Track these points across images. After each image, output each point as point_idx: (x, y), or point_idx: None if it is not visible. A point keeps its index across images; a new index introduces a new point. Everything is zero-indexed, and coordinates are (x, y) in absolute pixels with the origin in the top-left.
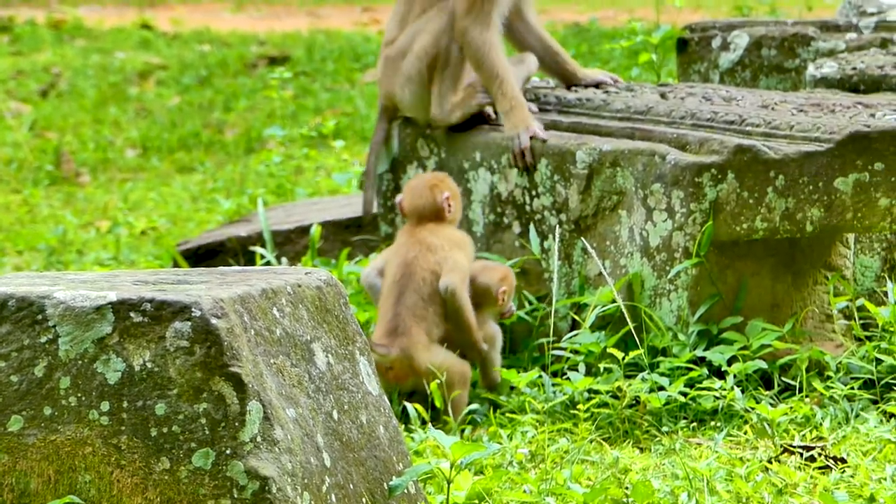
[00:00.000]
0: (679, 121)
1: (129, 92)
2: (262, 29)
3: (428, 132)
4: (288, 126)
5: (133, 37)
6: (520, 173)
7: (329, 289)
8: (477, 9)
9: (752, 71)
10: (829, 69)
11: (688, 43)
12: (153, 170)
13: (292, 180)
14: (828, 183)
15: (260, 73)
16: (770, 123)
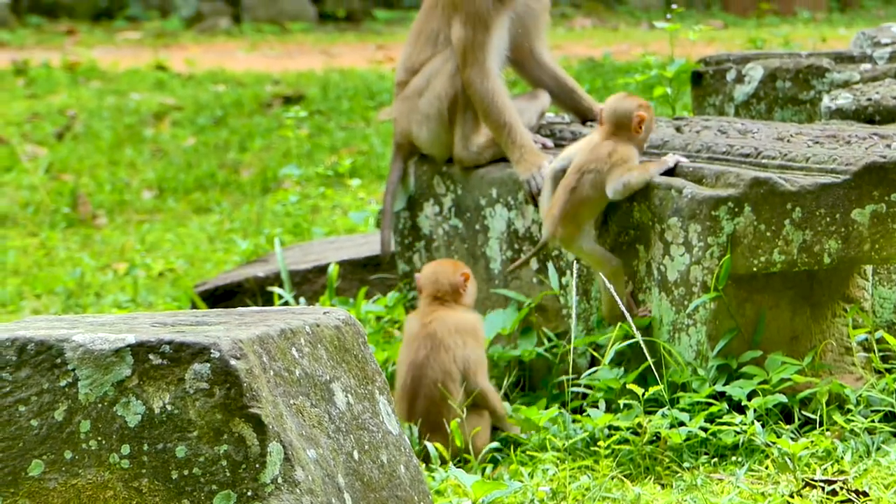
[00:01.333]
0: (695, 154)
1: (145, 133)
2: (277, 68)
3: (444, 170)
4: (304, 165)
5: (148, 78)
6: (537, 211)
7: (348, 328)
8: (471, 59)
9: (767, 103)
10: (845, 100)
11: (702, 76)
12: (170, 211)
13: (309, 219)
14: (845, 214)
15: (275, 113)
16: (786, 156)
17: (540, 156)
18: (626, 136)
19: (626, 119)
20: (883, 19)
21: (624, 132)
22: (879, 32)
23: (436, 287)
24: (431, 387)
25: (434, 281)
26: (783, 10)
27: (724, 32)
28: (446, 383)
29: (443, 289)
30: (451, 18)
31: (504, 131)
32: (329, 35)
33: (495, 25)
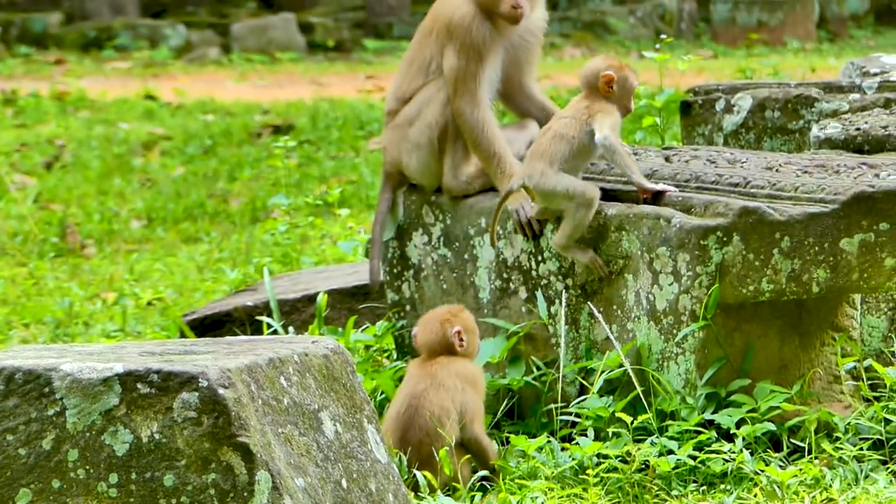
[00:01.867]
0: (684, 184)
1: (134, 163)
2: (266, 98)
3: (433, 199)
4: (293, 195)
5: (137, 108)
6: (526, 241)
7: (336, 357)
8: (462, 88)
9: (756, 133)
10: (833, 130)
11: (691, 106)
12: (158, 240)
13: (298, 249)
14: (833, 244)
15: (264, 143)
16: (775, 185)
17: None
18: (600, 96)
19: (594, 79)
20: (872, 49)
21: (598, 93)
22: (868, 62)
23: (430, 346)
24: (426, 418)
25: (427, 342)
26: (772, 41)
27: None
28: (441, 417)
29: (437, 348)
30: (445, 47)
31: (493, 161)
32: (318, 65)
33: (489, 56)
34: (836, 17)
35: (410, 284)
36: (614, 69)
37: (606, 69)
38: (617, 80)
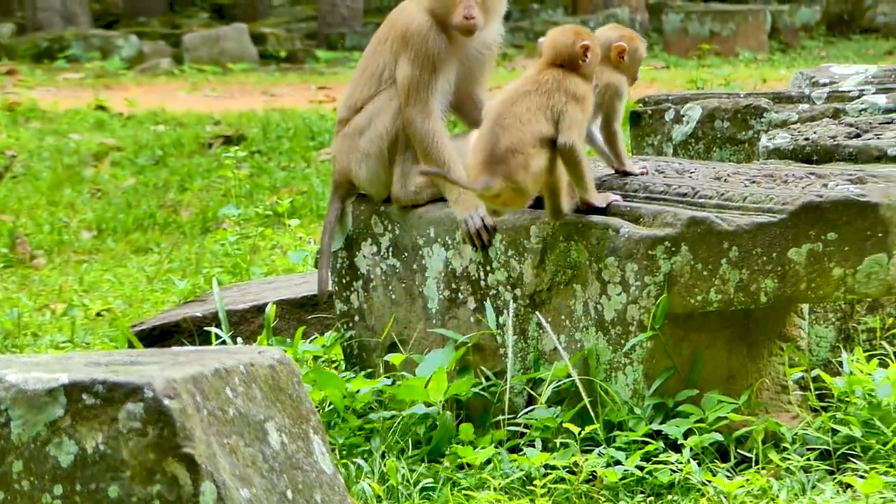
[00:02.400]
0: (632, 194)
1: (85, 173)
2: (218, 108)
3: (382, 209)
4: (243, 205)
5: (88, 118)
6: (475, 251)
7: (282, 367)
8: (414, 98)
9: (705, 143)
10: (782, 140)
11: (641, 116)
12: (109, 251)
13: (248, 260)
14: (781, 254)
15: (215, 153)
16: (723, 195)
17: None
18: (569, 70)
19: (605, 49)
20: (824, 59)
21: (575, 66)
22: (818, 73)
23: (554, 52)
24: (524, 115)
25: (552, 47)
26: (724, 51)
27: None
28: (540, 121)
29: (560, 56)
30: (399, 56)
31: (443, 170)
32: (270, 75)
33: (443, 67)
34: (787, 27)
35: (359, 295)
36: (626, 40)
37: (619, 39)
38: (628, 50)
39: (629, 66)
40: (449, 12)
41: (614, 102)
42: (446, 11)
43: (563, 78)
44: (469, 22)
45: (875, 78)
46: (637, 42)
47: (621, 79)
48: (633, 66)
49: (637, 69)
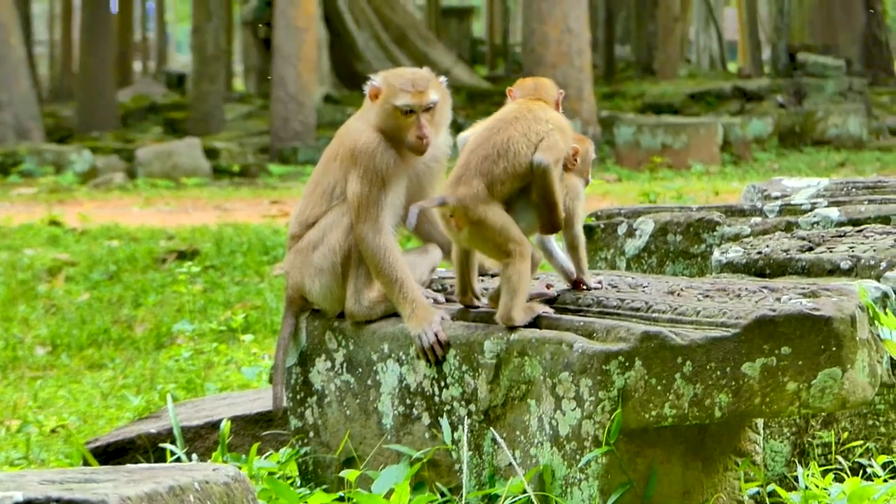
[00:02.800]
0: (586, 308)
1: (39, 289)
2: (171, 223)
3: (336, 325)
4: (197, 320)
5: (42, 233)
6: (429, 366)
7: (237, 485)
8: (364, 214)
9: (658, 257)
10: (735, 254)
11: (594, 230)
12: (63, 367)
13: (202, 375)
14: (735, 368)
15: (169, 268)
16: (676, 310)
17: (431, 311)
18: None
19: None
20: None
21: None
22: (770, 186)
23: (535, 93)
24: (504, 139)
25: (537, 86)
26: (677, 164)
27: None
28: (518, 143)
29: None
30: (349, 173)
31: (395, 287)
32: (224, 190)
33: (392, 183)
34: (739, 140)
35: (314, 410)
36: (577, 142)
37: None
38: (580, 152)
39: (582, 169)
40: (401, 131)
41: (574, 204)
42: (398, 130)
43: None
44: (422, 142)
45: (827, 191)
46: (587, 144)
47: (577, 181)
48: (586, 168)
49: (589, 171)
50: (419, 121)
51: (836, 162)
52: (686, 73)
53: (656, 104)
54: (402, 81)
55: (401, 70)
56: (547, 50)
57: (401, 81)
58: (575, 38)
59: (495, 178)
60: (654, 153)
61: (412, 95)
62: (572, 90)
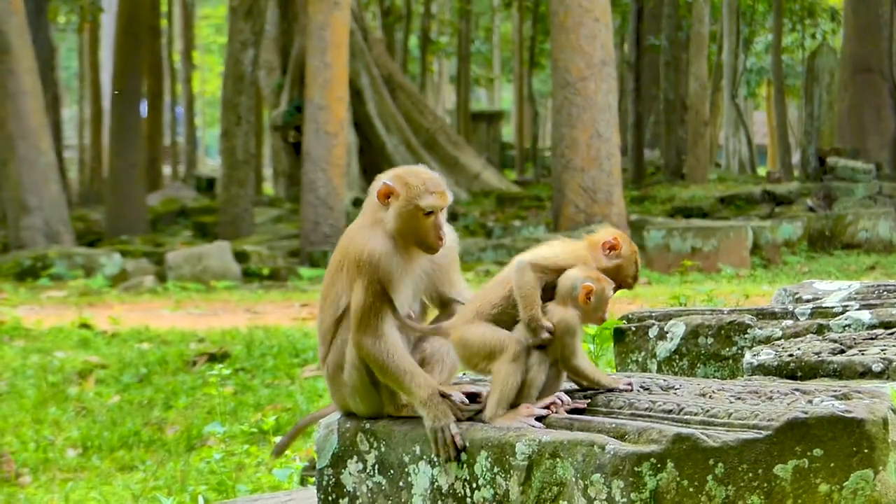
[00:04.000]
0: (617, 410)
1: (69, 391)
2: (201, 326)
3: (367, 426)
4: (228, 422)
5: (72, 336)
6: (449, 463)
7: None
8: (364, 324)
9: (689, 359)
10: (766, 356)
11: (625, 333)
12: (94, 469)
13: (233, 477)
14: (767, 470)
15: (199, 371)
16: (708, 412)
17: (444, 408)
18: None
19: (571, 289)
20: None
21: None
22: (801, 289)
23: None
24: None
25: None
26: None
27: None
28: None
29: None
30: (354, 282)
31: (405, 378)
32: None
33: (399, 288)
34: (769, 243)
35: None
36: (593, 280)
37: (586, 280)
38: (595, 291)
39: (596, 307)
40: (419, 232)
41: (566, 340)
42: (415, 231)
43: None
44: (441, 242)
45: (858, 294)
46: (604, 284)
47: (574, 315)
48: (600, 308)
49: (605, 310)
50: (438, 221)
51: (867, 265)
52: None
53: (686, 208)
54: (425, 182)
55: (412, 169)
56: (576, 154)
57: (424, 182)
58: (604, 142)
59: (486, 301)
60: (684, 256)
61: (438, 196)
62: (601, 194)
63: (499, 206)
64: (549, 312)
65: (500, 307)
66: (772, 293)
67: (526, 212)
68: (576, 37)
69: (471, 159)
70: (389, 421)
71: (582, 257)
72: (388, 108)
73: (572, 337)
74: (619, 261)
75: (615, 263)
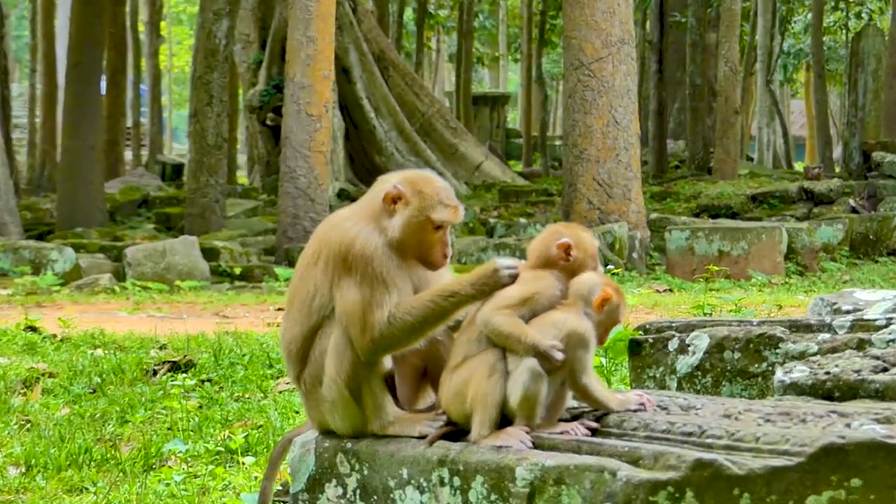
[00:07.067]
0: (631, 432)
1: (12, 402)
2: (164, 331)
3: (348, 446)
4: (192, 440)
5: (16, 340)
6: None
7: None
8: (371, 321)
9: (713, 376)
10: (800, 374)
11: (641, 345)
12: (38, 490)
13: (196, 501)
14: (799, 501)
15: (160, 381)
16: (733, 435)
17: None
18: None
19: (587, 294)
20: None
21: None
22: (840, 298)
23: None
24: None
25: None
26: (735, 274)
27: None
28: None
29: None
30: (341, 280)
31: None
32: (223, 295)
33: (398, 287)
34: (806, 247)
35: None
36: (613, 289)
37: (605, 285)
38: (612, 302)
39: (606, 321)
40: (423, 245)
41: (578, 353)
42: (419, 244)
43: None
44: (446, 259)
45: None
46: (622, 298)
47: (587, 325)
48: (611, 322)
49: (611, 328)
50: (446, 237)
51: None
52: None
53: (713, 206)
54: (439, 193)
55: (425, 176)
56: (590, 144)
57: (438, 192)
58: (622, 131)
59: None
60: (709, 261)
61: (452, 211)
62: (618, 189)
63: (502, 201)
64: (557, 322)
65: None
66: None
67: (533, 208)
68: (591, 12)
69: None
70: (373, 440)
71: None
72: (380, 88)
73: (585, 350)
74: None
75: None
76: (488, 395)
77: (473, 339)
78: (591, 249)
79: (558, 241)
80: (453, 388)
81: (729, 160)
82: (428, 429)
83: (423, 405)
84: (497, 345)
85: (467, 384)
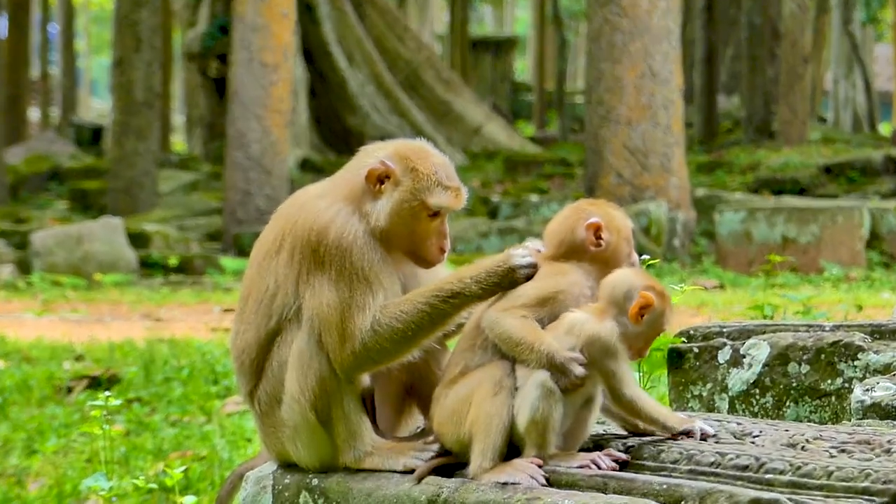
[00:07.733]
0: (671, 465)
1: None
2: (81, 338)
3: (314, 483)
4: (117, 475)
5: None
6: None
7: None
8: (352, 326)
9: (775, 394)
10: (884, 392)
11: (684, 356)
12: None
13: None
14: None
15: (77, 401)
16: (799, 469)
17: None
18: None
19: (624, 296)
20: None
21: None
22: None
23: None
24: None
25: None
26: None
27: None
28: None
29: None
30: (310, 275)
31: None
32: (156, 292)
33: (383, 286)
34: (893, 232)
35: None
36: (656, 294)
37: (646, 288)
38: (654, 305)
39: (645, 332)
40: (415, 235)
41: (605, 364)
42: (411, 234)
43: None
44: (442, 255)
45: None
46: (666, 303)
47: (610, 328)
48: (652, 333)
49: (654, 339)
50: (443, 226)
51: None
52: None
53: (776, 180)
54: (437, 171)
55: (419, 148)
56: (620, 101)
57: (436, 170)
58: (660, 84)
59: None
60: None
61: (453, 194)
62: (655, 158)
63: (508, 174)
64: (573, 326)
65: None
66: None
67: (547, 182)
68: None
69: (469, 106)
70: (346, 475)
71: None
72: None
73: (614, 358)
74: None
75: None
76: (492, 417)
77: (476, 347)
78: (626, 231)
79: (586, 221)
80: (449, 407)
81: (796, 121)
82: (415, 461)
83: (409, 431)
84: (506, 355)
85: (466, 403)
